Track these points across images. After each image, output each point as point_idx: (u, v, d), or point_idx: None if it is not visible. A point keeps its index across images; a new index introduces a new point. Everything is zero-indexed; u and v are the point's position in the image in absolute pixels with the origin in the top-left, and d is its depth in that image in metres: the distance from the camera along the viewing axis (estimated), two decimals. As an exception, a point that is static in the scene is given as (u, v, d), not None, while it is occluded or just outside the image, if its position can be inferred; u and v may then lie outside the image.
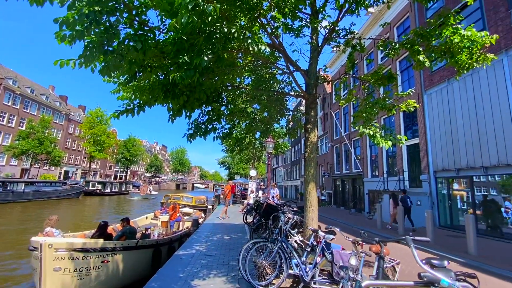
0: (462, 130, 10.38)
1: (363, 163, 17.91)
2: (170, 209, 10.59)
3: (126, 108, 3.60)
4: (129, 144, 59.80)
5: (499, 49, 8.78)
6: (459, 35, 4.05)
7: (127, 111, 3.52)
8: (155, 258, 6.66)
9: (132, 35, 2.72)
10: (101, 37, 2.68)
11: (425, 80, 12.54)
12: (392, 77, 5.16)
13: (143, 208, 25.49)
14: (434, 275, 1.65)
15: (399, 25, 15.04)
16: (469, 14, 10.31)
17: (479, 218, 9.46)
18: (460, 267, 5.74)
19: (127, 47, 2.71)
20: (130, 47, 2.70)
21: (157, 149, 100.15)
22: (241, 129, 9.04)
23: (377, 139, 4.25)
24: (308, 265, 3.82)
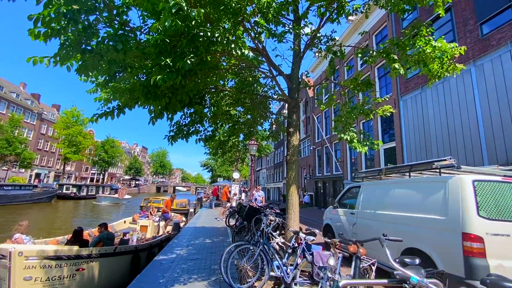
0: (434, 134, 11.01)
1: (343, 166, 18.43)
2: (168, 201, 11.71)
3: (105, 111, 3.49)
4: (107, 145, 57.57)
5: (468, 60, 9.43)
6: (431, 45, 4.33)
7: (106, 114, 3.41)
8: (133, 265, 6.44)
9: (112, 35, 2.66)
10: (79, 36, 2.60)
11: (401, 87, 13.18)
12: (370, 83, 5.39)
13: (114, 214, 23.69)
14: (405, 273, 1.75)
15: (378, 33, 15.72)
16: (440, 25, 11.00)
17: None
18: (432, 264, 6.05)
19: (107, 47, 2.64)
20: (110, 47, 2.63)
21: (137, 151, 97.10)
22: (225, 131, 9.02)
23: (354, 144, 4.42)
24: (289, 267, 3.88)
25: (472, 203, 3.52)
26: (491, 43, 9.00)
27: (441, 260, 3.64)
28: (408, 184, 5.01)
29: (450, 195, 3.82)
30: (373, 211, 5.38)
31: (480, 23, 9.47)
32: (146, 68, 3.09)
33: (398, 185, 5.19)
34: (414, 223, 4.28)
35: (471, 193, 3.58)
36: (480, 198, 3.55)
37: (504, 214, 3.49)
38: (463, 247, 3.39)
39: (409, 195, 4.72)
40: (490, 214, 3.47)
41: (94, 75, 3.55)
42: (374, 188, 5.82)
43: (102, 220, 19.10)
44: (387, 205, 5.07)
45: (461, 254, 3.37)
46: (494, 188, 3.64)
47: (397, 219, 4.66)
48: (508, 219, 3.46)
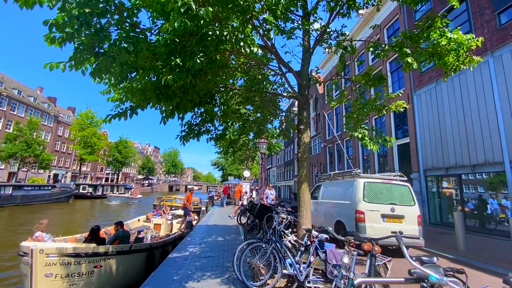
0: (450, 129, 10.65)
1: (355, 163, 18.13)
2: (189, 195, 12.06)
3: (118, 111, 3.57)
4: (121, 146, 58.96)
5: (485, 51, 9.05)
6: (446, 37, 4.17)
7: (119, 115, 3.49)
8: (148, 262, 6.58)
9: (124, 37, 2.70)
10: (92, 39, 2.66)
11: (415, 81, 12.81)
12: (382, 78, 5.26)
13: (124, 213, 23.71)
14: (424, 271, 1.70)
15: (389, 27, 15.31)
16: (455, 16, 10.59)
17: (467, 215, 9.71)
18: (449, 263, 5.88)
19: (119, 49, 2.69)
20: (122, 49, 2.68)
21: (149, 151, 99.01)
22: (235, 130, 9.04)
23: (366, 142, 4.33)
24: (302, 265, 3.86)
25: (362, 194, 6.52)
26: (509, 32, 8.59)
27: (348, 225, 6.60)
28: (340, 183, 7.95)
29: (354, 189, 6.74)
30: (324, 200, 8.45)
31: (498, 13, 9.05)
32: (157, 69, 3.13)
33: (336, 184, 8.26)
34: (340, 206, 7.22)
35: (362, 189, 6.59)
36: (366, 192, 6.57)
37: (375, 200, 6.52)
38: (356, 217, 6.35)
39: (339, 190, 7.73)
40: (369, 200, 6.47)
41: (107, 77, 3.64)
42: (326, 185, 8.94)
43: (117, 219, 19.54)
44: (330, 196, 8.16)
45: (354, 221, 6.36)
46: (372, 186, 6.69)
47: (334, 204, 7.71)
48: (376, 202, 6.46)
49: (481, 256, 6.32)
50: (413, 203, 6.73)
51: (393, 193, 6.71)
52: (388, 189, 6.77)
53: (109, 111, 12.89)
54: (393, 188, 6.82)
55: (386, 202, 6.53)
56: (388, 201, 6.57)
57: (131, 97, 3.53)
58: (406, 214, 6.50)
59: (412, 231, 6.23)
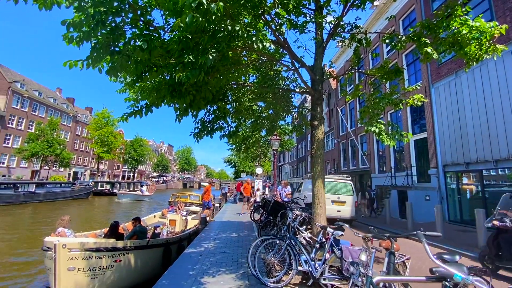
0: (471, 123, 10.19)
1: (370, 159, 17.75)
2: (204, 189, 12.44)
3: (133, 110, 3.64)
4: (136, 144, 60.45)
5: (508, 40, 8.56)
6: (467, 26, 3.97)
7: (135, 113, 3.56)
8: (165, 257, 6.74)
9: (138, 35, 2.74)
10: (107, 38, 2.71)
11: (432, 74, 12.32)
12: (399, 71, 5.09)
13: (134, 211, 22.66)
14: (447, 270, 1.64)
15: (405, 18, 14.77)
16: (476, 4, 10.07)
17: (489, 213, 9.29)
18: (471, 261, 5.66)
19: (133, 47, 2.73)
20: (136, 47, 2.72)
21: (163, 149, 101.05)
22: (247, 127, 9.03)
23: (382, 137, 4.21)
24: (317, 262, 3.82)
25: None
26: (538, 19, 8.08)
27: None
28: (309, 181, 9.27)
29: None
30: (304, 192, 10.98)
31: (525, -2, 8.52)
32: (170, 67, 3.16)
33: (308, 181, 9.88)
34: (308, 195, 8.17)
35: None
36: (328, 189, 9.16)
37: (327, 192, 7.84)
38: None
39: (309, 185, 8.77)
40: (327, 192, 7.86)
41: (122, 75, 3.71)
42: (305, 182, 12.14)
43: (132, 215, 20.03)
44: (305, 189, 11.12)
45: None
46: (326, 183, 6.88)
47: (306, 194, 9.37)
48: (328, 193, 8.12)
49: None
50: (352, 193, 10.61)
51: (340, 188, 10.65)
52: (337, 185, 10.71)
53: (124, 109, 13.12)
54: (340, 185, 10.76)
55: (335, 193, 10.33)
56: (336, 192, 10.41)
57: (146, 95, 3.59)
58: (347, 200, 10.40)
59: (350, 211, 10.29)
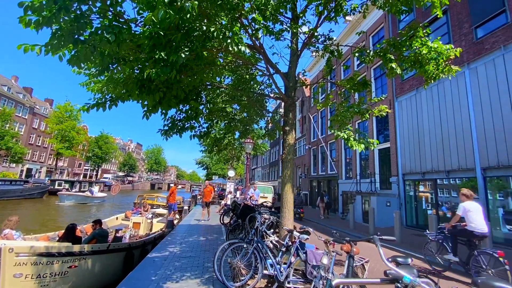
0: (428, 136, 11.12)
1: (338, 165, 18.52)
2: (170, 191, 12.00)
3: (97, 101, 3.41)
4: (101, 141, 56.95)
5: (462, 62, 9.52)
6: (427, 47, 4.34)
7: (98, 105, 3.33)
8: (127, 262, 6.38)
9: (106, 26, 2.59)
10: (71, 26, 2.53)
11: (397, 88, 13.27)
12: (366, 83, 5.40)
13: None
14: (398, 272, 1.75)
15: (374, 34, 15.79)
16: (436, 28, 11.09)
17: (441, 219, 10.16)
18: (422, 264, 6.12)
19: (100, 38, 2.57)
20: (103, 38, 2.56)
21: (131, 147, 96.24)
22: (220, 129, 8.94)
23: (351, 142, 4.42)
24: (283, 265, 3.87)
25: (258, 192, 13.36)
26: (485, 46, 9.10)
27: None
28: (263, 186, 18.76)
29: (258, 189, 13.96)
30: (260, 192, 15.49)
31: (475, 27, 9.56)
32: (141, 62, 3.03)
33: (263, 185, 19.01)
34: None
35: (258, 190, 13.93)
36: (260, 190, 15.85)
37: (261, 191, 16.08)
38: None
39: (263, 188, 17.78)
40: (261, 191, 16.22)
41: (87, 66, 3.47)
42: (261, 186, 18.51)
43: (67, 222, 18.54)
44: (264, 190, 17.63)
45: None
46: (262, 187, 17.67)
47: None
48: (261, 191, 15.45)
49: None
50: (271, 192, 18.24)
51: (266, 189, 18.07)
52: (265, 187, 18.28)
53: (89, 104, 12.29)
54: (266, 187, 18.51)
55: (263, 192, 16.18)
56: (263, 191, 16.65)
57: (112, 89, 3.39)
58: (268, 196, 16.97)
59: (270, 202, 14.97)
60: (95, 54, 2.74)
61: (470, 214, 5.11)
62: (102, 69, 3.23)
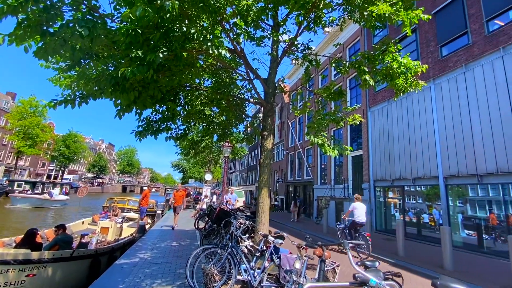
0: (397, 145, 11.79)
1: (314, 171, 18.98)
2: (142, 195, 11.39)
3: (66, 98, 3.20)
4: (69, 140, 53.52)
5: (428, 78, 10.27)
6: (397, 61, 4.64)
7: (66, 102, 3.13)
8: (93, 270, 6.00)
9: (78, 20, 2.46)
10: (40, 16, 2.37)
11: (370, 99, 13.97)
12: (342, 93, 5.62)
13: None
14: (365, 276, 1.83)
15: (351, 46, 16.54)
16: (407, 45, 11.88)
17: (408, 223, 10.76)
18: (390, 267, 6.42)
19: (71, 31, 2.44)
20: (75, 31, 2.43)
21: (103, 147, 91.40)
22: (198, 131, 8.81)
23: (326, 148, 4.56)
24: (257, 270, 3.86)
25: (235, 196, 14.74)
26: (448, 64, 9.90)
27: None
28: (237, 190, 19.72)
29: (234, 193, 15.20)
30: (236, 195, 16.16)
31: (440, 46, 10.39)
32: (116, 59, 2.90)
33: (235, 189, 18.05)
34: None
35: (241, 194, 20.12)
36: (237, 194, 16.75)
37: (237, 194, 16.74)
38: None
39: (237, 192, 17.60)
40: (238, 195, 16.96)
41: (55, 60, 3.26)
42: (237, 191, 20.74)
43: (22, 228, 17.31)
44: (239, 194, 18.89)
45: None
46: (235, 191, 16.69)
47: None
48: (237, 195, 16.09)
49: (417, 260, 7.02)
50: (242, 196, 20.00)
51: (238, 193, 18.11)
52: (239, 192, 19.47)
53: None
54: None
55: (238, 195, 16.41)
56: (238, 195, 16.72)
57: (84, 85, 3.20)
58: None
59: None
60: (65, 48, 2.59)
61: (355, 211, 7.96)
62: (72, 63, 3.06)
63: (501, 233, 7.78)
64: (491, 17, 8.68)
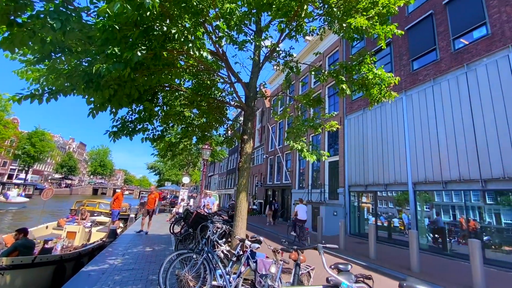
0: (371, 152, 12.32)
1: (292, 175, 19.25)
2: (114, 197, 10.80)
3: (33, 92, 2.99)
4: (36, 137, 49.96)
5: (401, 89, 10.89)
6: (372, 73, 4.87)
7: (33, 96, 2.91)
8: (57, 277, 5.60)
9: (50, 12, 2.32)
10: (7, 5, 2.21)
11: (347, 107, 14.51)
12: (320, 100, 5.79)
13: None
14: (337, 279, 1.88)
15: (330, 56, 17.13)
16: (382, 57, 12.54)
17: (380, 227, 11.22)
18: (362, 269, 6.65)
19: (42, 23, 2.29)
20: (47, 23, 2.29)
21: (73, 147, 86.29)
22: (177, 133, 8.60)
23: (304, 153, 4.66)
24: (232, 275, 3.81)
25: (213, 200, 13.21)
26: (418, 77, 10.57)
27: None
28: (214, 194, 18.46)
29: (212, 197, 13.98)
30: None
31: (412, 60, 11.08)
32: (90, 54, 2.77)
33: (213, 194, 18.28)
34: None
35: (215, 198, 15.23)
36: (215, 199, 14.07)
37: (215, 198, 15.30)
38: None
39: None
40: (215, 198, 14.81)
41: (23, 52, 3.04)
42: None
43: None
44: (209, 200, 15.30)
45: None
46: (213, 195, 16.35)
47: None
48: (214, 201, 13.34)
49: (387, 262, 7.33)
50: (217, 200, 16.01)
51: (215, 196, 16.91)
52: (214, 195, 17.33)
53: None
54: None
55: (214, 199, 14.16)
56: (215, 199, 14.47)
57: (53, 80, 3.01)
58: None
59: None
60: (34, 40, 2.43)
61: (299, 211, 10.49)
62: (42, 56, 2.87)
63: (463, 237, 8.36)
64: (457, 35, 9.42)
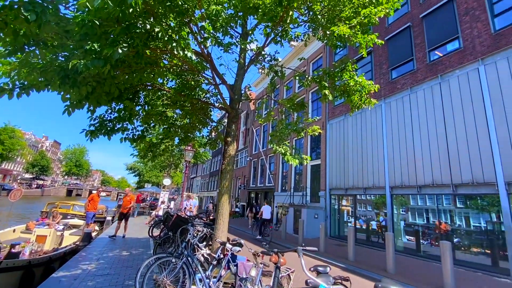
0: (351, 156, 12.68)
1: (275, 178, 19.37)
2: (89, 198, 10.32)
3: (2, 87, 2.80)
4: (5, 134, 46.89)
5: (380, 97, 11.33)
6: (353, 80, 5.03)
7: (2, 91, 2.73)
8: (25, 283, 5.26)
9: (25, 3, 2.20)
10: (-26, -7, 2.07)
11: (329, 112, 14.88)
12: (303, 105, 5.89)
13: None
14: (315, 281, 1.91)
15: (314, 62, 17.52)
16: (363, 65, 13.00)
17: (359, 230, 11.54)
18: (340, 271, 6.79)
19: (15, 14, 2.17)
20: (20, 15, 2.17)
21: (46, 145, 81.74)
22: (159, 133, 8.40)
23: (287, 157, 4.71)
24: (212, 279, 3.75)
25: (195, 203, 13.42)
26: (397, 86, 11.06)
27: None
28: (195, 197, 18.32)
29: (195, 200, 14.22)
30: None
31: (391, 69, 11.58)
32: (67, 49, 2.64)
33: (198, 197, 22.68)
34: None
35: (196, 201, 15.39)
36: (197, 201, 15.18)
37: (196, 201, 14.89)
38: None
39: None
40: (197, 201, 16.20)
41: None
42: None
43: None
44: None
45: None
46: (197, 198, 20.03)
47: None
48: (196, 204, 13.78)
49: (365, 264, 7.54)
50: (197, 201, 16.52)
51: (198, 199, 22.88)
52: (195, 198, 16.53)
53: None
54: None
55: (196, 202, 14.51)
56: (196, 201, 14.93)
57: (26, 74, 2.83)
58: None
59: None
60: (5, 31, 2.29)
61: (264, 211, 12.08)
62: (14, 49, 2.71)
63: (436, 239, 8.79)
64: (432, 47, 9.97)
